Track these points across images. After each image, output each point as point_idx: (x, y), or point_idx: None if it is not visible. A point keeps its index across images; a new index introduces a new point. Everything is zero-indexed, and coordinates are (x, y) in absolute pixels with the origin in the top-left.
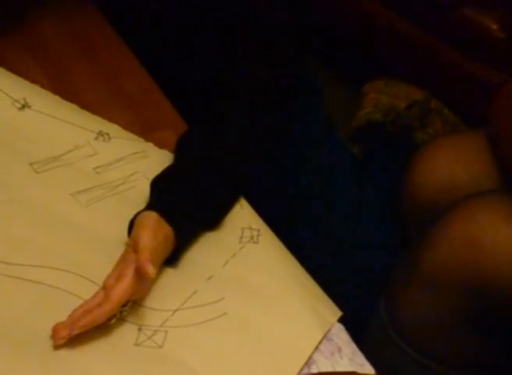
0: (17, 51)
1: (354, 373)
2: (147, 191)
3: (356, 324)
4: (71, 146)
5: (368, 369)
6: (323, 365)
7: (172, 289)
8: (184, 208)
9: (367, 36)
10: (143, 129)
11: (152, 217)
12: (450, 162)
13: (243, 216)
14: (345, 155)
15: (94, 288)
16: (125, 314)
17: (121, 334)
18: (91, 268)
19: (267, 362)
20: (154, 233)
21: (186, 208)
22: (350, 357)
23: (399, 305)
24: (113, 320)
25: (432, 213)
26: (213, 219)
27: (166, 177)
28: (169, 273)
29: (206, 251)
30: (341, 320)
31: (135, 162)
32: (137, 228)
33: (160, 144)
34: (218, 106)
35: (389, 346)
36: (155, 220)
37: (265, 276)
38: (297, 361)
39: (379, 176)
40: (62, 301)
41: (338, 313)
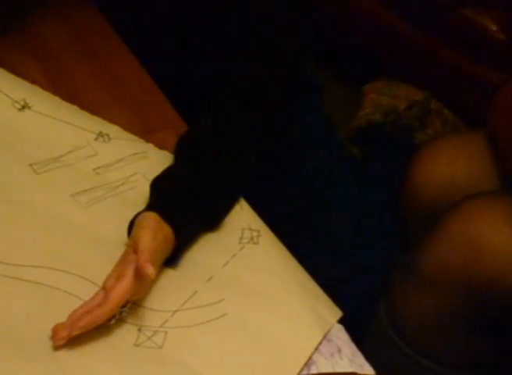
0: (17, 52)
1: (354, 374)
2: (147, 191)
3: (356, 325)
4: (71, 147)
5: (368, 369)
6: (323, 365)
7: (171, 290)
8: (184, 209)
9: (367, 36)
10: (143, 129)
11: (152, 218)
12: (450, 163)
13: (242, 216)
14: (345, 155)
15: (93, 289)
16: (124, 315)
17: (121, 335)
18: (91, 268)
19: (267, 362)
20: (153, 233)
21: (186, 208)
22: (349, 358)
23: (399, 306)
24: (113, 321)
25: (432, 213)
26: (213, 220)
27: (166, 178)
28: (169, 274)
29: (206, 251)
30: (341, 321)
31: (135, 163)
32: (137, 229)
33: (160, 144)
34: (217, 106)
35: (389, 347)
36: (155, 221)
37: (265, 277)
38: (297, 361)
39: (379, 176)
40: (61, 302)
41: (338, 314)
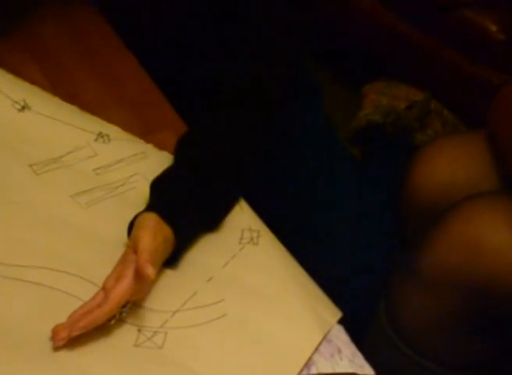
0: (17, 52)
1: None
2: (146, 192)
3: (356, 325)
4: (71, 147)
5: (368, 370)
6: (323, 366)
7: (171, 290)
8: (184, 210)
9: (367, 36)
10: (143, 130)
11: (152, 218)
12: (450, 163)
13: (242, 217)
14: (345, 155)
15: (93, 289)
16: (124, 315)
17: (121, 335)
18: (91, 269)
19: (266, 363)
20: (153, 234)
21: (186, 209)
22: (349, 358)
23: (398, 306)
24: (113, 321)
25: (432, 214)
26: (213, 221)
27: (166, 179)
28: (169, 274)
29: (206, 252)
30: (341, 321)
31: (135, 164)
32: (137, 229)
33: (160, 145)
34: (217, 106)
35: (389, 347)
36: (155, 221)
37: (265, 278)
38: (297, 362)
39: (379, 176)
40: (61, 303)
41: (338, 314)
